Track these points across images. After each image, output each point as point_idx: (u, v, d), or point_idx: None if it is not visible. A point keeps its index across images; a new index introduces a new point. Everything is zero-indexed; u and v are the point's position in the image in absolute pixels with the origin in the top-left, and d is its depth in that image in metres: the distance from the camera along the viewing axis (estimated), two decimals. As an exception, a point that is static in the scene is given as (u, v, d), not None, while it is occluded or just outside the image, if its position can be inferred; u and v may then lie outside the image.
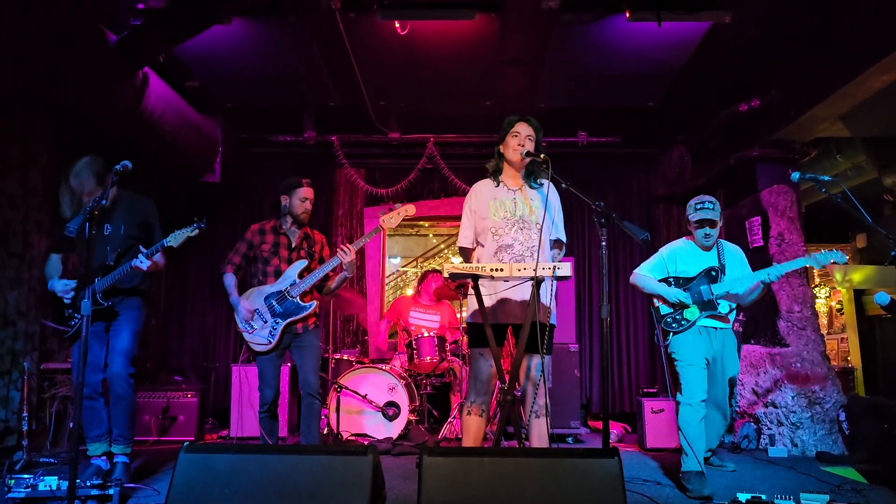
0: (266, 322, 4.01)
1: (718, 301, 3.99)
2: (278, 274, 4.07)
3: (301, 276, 4.05)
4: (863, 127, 5.52)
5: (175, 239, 3.46)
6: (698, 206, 4.08)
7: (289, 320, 4.00)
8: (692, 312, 4.01)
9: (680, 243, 4.27)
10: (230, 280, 4.11)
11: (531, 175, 3.51)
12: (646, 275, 4.19)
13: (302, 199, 4.11)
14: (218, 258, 6.98)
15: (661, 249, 4.28)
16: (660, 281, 4.14)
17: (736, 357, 4.22)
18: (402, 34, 4.71)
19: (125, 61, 4.37)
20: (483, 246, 3.43)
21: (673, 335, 4.04)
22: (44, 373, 4.97)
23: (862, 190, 6.42)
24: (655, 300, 4.17)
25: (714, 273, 4.06)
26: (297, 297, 4.01)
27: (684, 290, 4.04)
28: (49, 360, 5.07)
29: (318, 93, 5.77)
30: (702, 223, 4.06)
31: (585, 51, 4.95)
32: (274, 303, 4.01)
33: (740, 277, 4.00)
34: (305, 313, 4.03)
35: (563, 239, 3.53)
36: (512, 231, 3.35)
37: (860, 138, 5.93)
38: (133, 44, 4.28)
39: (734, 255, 4.20)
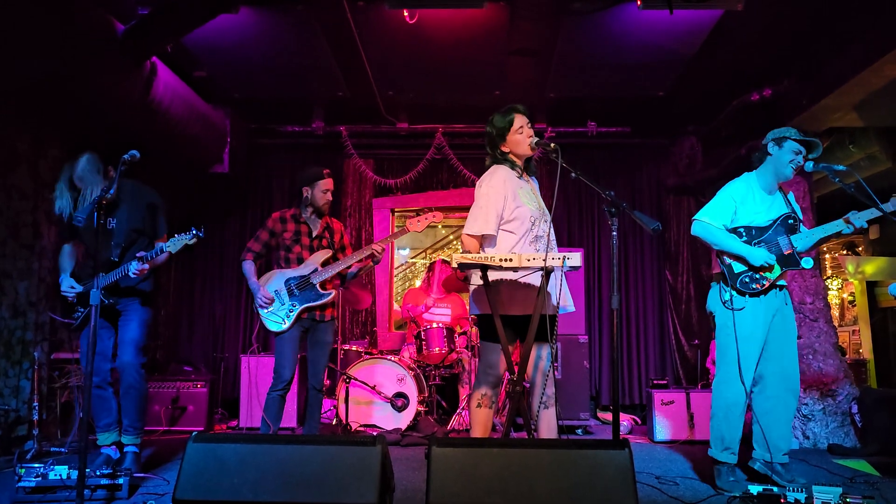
0: (283, 304, 4.10)
1: (801, 256, 3.47)
2: (300, 261, 4.18)
3: (324, 264, 4.16)
4: (876, 116, 5.44)
5: (174, 245, 3.49)
6: (795, 136, 3.51)
7: (306, 305, 4.09)
8: (773, 270, 3.49)
9: (743, 182, 3.66)
10: (249, 266, 4.20)
11: (530, 170, 3.49)
12: (716, 226, 3.56)
13: (324, 190, 4.23)
14: (227, 248, 7.01)
15: (726, 189, 3.66)
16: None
17: (793, 314, 3.66)
18: (411, 23, 4.67)
19: (133, 51, 4.36)
20: (512, 233, 3.24)
21: (750, 297, 3.49)
22: (54, 362, 5.00)
23: (875, 180, 6.35)
24: (726, 256, 3.57)
25: (792, 221, 3.52)
26: (318, 285, 4.12)
27: (759, 244, 3.51)
28: (59, 349, 5.10)
29: (327, 83, 5.74)
30: (803, 145, 3.46)
31: (595, 40, 4.89)
32: (294, 286, 4.11)
33: (822, 227, 3.47)
34: (324, 301, 4.13)
35: None
36: (541, 223, 3.33)
37: (874, 128, 5.86)
38: (141, 34, 4.27)
39: (796, 204, 3.66)
